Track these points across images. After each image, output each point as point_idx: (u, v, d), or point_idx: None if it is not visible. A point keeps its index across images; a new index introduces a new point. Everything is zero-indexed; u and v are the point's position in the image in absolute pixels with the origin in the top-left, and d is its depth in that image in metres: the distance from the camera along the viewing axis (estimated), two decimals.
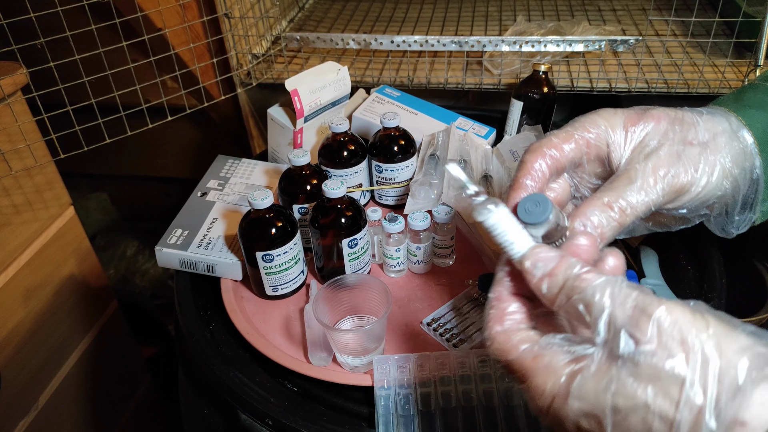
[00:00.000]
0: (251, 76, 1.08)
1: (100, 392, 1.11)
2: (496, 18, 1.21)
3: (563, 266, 0.33)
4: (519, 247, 0.35)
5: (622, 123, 0.43)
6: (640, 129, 0.43)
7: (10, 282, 0.88)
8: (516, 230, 0.35)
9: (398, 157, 0.75)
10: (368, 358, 0.58)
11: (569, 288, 0.32)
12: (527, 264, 0.34)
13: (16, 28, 0.72)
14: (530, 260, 0.34)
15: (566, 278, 0.33)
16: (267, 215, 0.62)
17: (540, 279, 0.34)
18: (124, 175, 1.57)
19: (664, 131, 0.43)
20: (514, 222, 0.35)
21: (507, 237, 0.35)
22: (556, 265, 0.33)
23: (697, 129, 0.43)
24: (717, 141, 0.43)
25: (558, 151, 0.43)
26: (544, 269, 0.34)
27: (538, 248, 0.35)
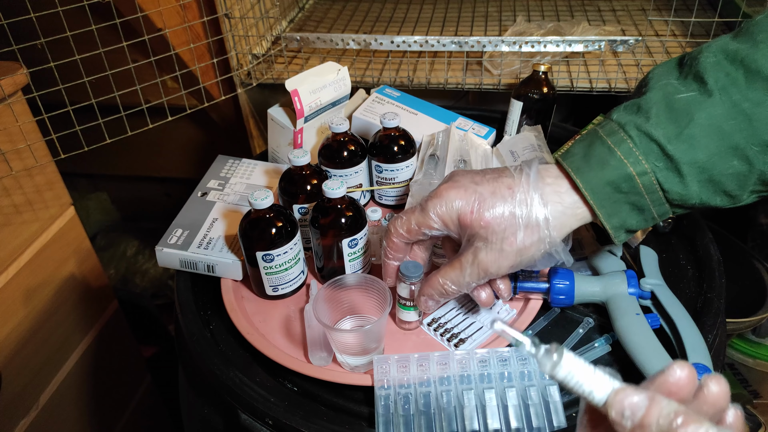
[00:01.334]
0: (251, 77, 1.08)
1: (100, 392, 1.11)
2: (496, 18, 1.21)
3: (654, 414, 0.29)
4: (600, 393, 0.32)
5: (456, 219, 0.53)
6: (470, 231, 0.53)
7: (10, 282, 0.88)
8: (589, 373, 0.32)
9: (398, 157, 0.75)
10: (368, 358, 0.58)
11: None
12: (613, 414, 0.31)
13: (16, 28, 0.72)
14: (615, 408, 0.30)
15: (660, 429, 0.29)
16: (267, 215, 0.62)
17: (631, 430, 0.30)
18: (124, 175, 1.58)
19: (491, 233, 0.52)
20: (583, 365, 0.32)
21: (584, 386, 0.32)
22: (646, 412, 0.29)
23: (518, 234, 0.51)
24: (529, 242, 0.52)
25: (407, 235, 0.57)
26: (633, 419, 0.30)
27: (621, 393, 0.31)
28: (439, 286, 0.56)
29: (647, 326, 0.57)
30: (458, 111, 0.87)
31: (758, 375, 1.17)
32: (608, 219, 0.51)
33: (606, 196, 0.51)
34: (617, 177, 0.50)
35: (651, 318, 0.59)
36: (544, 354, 0.33)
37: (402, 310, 0.61)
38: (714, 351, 0.58)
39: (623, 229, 0.52)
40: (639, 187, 0.50)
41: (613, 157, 0.50)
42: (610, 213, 0.51)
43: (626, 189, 0.50)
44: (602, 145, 0.51)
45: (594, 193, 0.50)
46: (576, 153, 0.52)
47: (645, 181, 0.49)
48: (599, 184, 0.50)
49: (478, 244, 0.53)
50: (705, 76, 0.49)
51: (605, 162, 0.50)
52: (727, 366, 1.20)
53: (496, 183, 0.53)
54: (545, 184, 0.52)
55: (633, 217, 0.52)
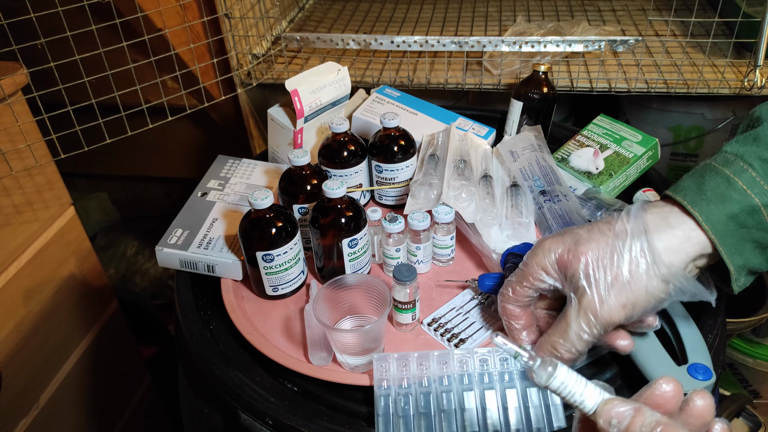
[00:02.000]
0: (251, 77, 1.08)
1: (100, 392, 1.11)
2: (495, 18, 1.21)
3: (638, 423, 0.32)
4: (590, 402, 0.34)
5: (555, 264, 0.50)
6: (571, 272, 0.48)
7: (10, 282, 0.88)
8: (581, 385, 0.35)
9: (398, 157, 0.75)
10: (368, 357, 0.58)
11: None
12: (601, 422, 0.33)
13: (17, 28, 0.72)
14: (603, 417, 0.33)
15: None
16: (267, 215, 0.62)
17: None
18: (124, 175, 1.58)
19: (593, 270, 0.47)
20: (576, 377, 0.35)
21: (576, 396, 0.35)
22: (631, 421, 0.32)
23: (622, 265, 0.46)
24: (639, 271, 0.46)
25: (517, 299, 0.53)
26: (619, 427, 0.32)
27: (609, 403, 0.33)
28: (548, 348, 0.49)
29: None
30: (458, 111, 0.87)
31: (758, 375, 1.17)
32: (731, 256, 0.46)
33: (728, 233, 0.45)
34: (740, 210, 0.45)
35: None
36: (540, 365, 0.36)
37: (398, 313, 0.61)
38: (714, 351, 0.57)
39: (745, 270, 0.47)
40: (765, 222, 0.45)
41: (733, 189, 0.46)
42: (733, 250, 0.46)
43: (750, 223, 0.46)
44: (717, 175, 0.47)
45: (715, 228, 0.45)
46: (687, 185, 0.48)
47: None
48: (720, 219, 0.45)
49: (581, 284, 0.47)
50: None
51: (725, 194, 0.46)
52: (727, 366, 1.20)
53: (593, 224, 0.50)
54: (648, 213, 0.48)
55: (757, 255, 0.47)
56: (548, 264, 0.50)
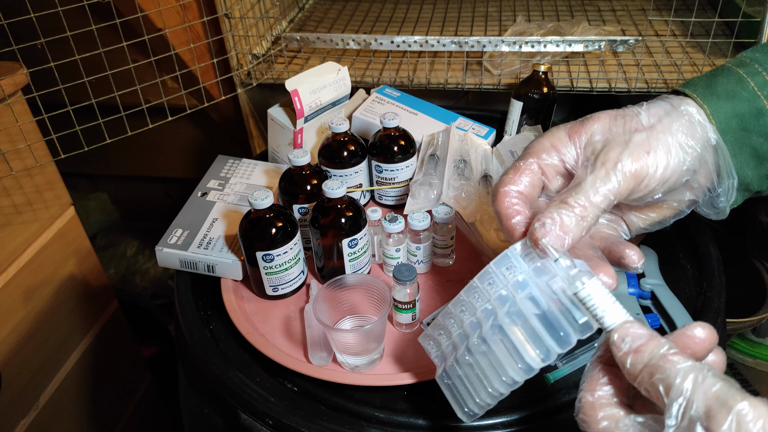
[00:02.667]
0: (251, 77, 1.08)
1: (100, 392, 1.11)
2: (496, 18, 1.21)
3: (651, 345, 0.32)
4: (610, 320, 0.35)
5: (566, 135, 0.44)
6: (581, 137, 0.44)
7: (10, 282, 0.88)
8: (609, 303, 0.35)
9: (398, 157, 0.75)
10: (368, 357, 0.58)
11: (652, 366, 0.31)
12: (615, 337, 0.34)
13: (16, 28, 0.72)
14: (618, 333, 0.34)
15: (651, 356, 0.32)
16: (267, 215, 0.62)
17: (625, 353, 0.33)
18: (124, 175, 1.58)
19: (608, 128, 0.43)
20: (607, 294, 0.35)
21: (599, 309, 0.35)
22: (645, 342, 0.32)
23: (640, 118, 0.43)
24: (663, 122, 0.43)
25: (518, 185, 0.44)
26: (631, 344, 0.33)
27: (629, 323, 0.34)
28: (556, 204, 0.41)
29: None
30: (458, 111, 0.87)
31: (758, 375, 1.17)
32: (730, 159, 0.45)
33: (731, 131, 0.44)
34: (747, 110, 0.44)
35: (651, 318, 0.59)
36: (576, 274, 0.36)
37: (398, 313, 0.61)
38: None
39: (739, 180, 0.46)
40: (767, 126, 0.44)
41: (744, 88, 0.44)
42: (732, 152, 0.45)
43: (753, 126, 0.44)
44: (731, 75, 0.45)
45: (720, 124, 0.44)
46: (698, 82, 0.46)
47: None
48: (726, 115, 0.44)
49: (597, 144, 0.43)
50: None
51: (735, 92, 0.44)
52: (727, 366, 1.20)
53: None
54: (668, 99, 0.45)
55: (750, 167, 0.45)
56: (557, 139, 0.44)
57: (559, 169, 0.45)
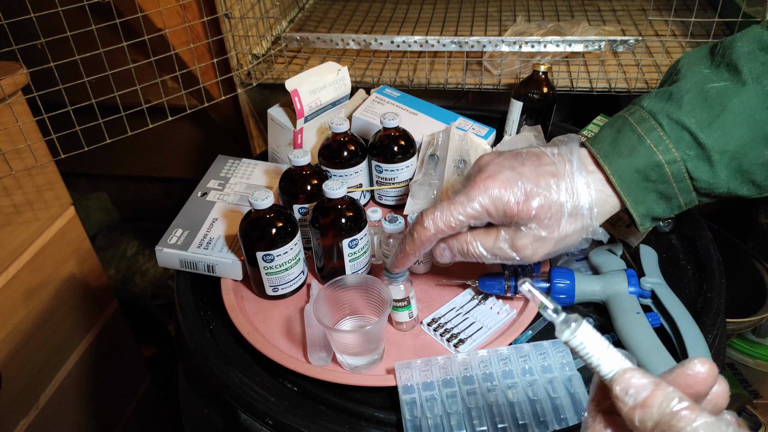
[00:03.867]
0: (251, 77, 1.08)
1: (100, 392, 1.11)
2: (496, 18, 1.21)
3: (658, 397, 0.30)
4: (607, 368, 0.33)
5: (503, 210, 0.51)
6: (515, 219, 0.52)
7: (10, 282, 0.88)
8: (603, 347, 0.33)
9: (398, 157, 0.75)
10: (368, 358, 0.58)
11: (665, 425, 0.29)
12: (617, 390, 0.31)
13: (16, 28, 0.72)
14: (620, 386, 0.31)
15: (662, 414, 0.29)
16: (267, 215, 0.62)
17: (632, 408, 0.30)
18: (124, 175, 1.58)
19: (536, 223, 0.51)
20: (599, 338, 0.34)
21: (594, 358, 0.33)
22: (650, 394, 0.30)
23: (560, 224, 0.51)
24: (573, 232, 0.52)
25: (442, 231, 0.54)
26: (635, 397, 0.30)
27: (630, 372, 0.31)
28: (465, 243, 0.54)
29: (648, 325, 0.57)
30: (458, 111, 0.87)
31: (758, 375, 1.17)
32: (635, 207, 0.51)
33: (634, 184, 0.51)
34: (645, 165, 0.50)
35: (651, 317, 0.59)
36: (563, 320, 0.34)
37: (395, 312, 0.61)
38: (714, 351, 0.58)
39: (649, 217, 0.53)
40: (667, 176, 0.50)
41: (642, 145, 0.50)
42: (637, 201, 0.51)
43: (654, 177, 0.50)
44: (632, 132, 0.51)
45: (622, 181, 0.50)
46: (605, 139, 0.52)
47: (674, 169, 0.50)
48: (627, 171, 0.50)
49: (521, 229, 0.51)
50: (739, 65, 0.49)
51: (634, 149, 0.50)
52: (727, 366, 1.20)
53: (538, 170, 0.52)
54: (588, 173, 0.52)
55: (660, 205, 0.52)
56: (494, 209, 0.51)
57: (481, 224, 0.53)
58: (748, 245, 1.20)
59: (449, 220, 0.53)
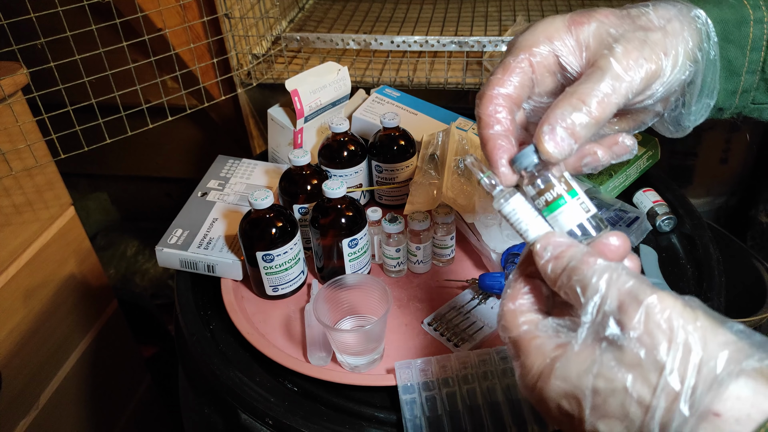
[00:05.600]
0: (251, 77, 1.08)
1: (100, 392, 1.11)
2: (496, 18, 1.21)
3: (571, 251, 0.34)
4: (534, 233, 0.37)
5: (565, 26, 0.40)
6: (587, 27, 0.40)
7: (10, 282, 0.88)
8: (532, 217, 0.37)
9: (398, 157, 0.75)
10: (368, 357, 0.58)
11: (571, 269, 0.33)
12: (537, 247, 0.35)
13: (17, 28, 0.72)
14: (541, 243, 0.35)
15: (570, 260, 0.33)
16: (267, 215, 0.62)
17: (546, 261, 0.35)
18: (124, 175, 1.58)
19: (617, 23, 0.40)
20: (530, 209, 0.37)
21: (522, 224, 0.37)
22: (565, 249, 0.34)
23: (650, 17, 0.40)
24: (673, 25, 0.40)
25: (505, 87, 0.40)
26: (552, 252, 0.35)
27: (551, 234, 0.36)
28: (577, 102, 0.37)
29: None
30: (458, 111, 0.87)
31: None
32: None
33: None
34: (732, 17, 0.43)
35: None
36: (498, 191, 0.38)
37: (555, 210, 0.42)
38: None
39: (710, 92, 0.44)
40: (747, 38, 0.44)
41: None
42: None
43: (734, 36, 0.43)
44: None
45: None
46: None
47: (756, 32, 0.44)
48: (713, 21, 0.43)
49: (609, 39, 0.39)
50: None
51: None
52: None
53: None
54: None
55: (720, 80, 0.44)
56: (554, 29, 0.40)
57: (550, 67, 0.41)
58: (748, 245, 1.20)
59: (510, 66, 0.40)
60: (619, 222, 0.72)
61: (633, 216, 0.73)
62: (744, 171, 1.29)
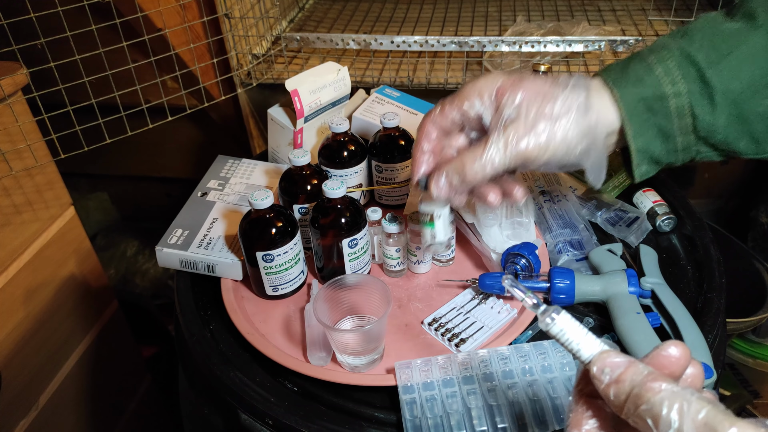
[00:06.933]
0: (251, 77, 1.08)
1: (100, 392, 1.11)
2: (496, 18, 1.21)
3: (631, 372, 0.32)
4: (587, 352, 0.35)
5: (495, 88, 0.50)
6: (508, 96, 0.49)
7: (10, 282, 0.88)
8: (582, 335, 0.35)
9: (398, 157, 0.75)
10: (368, 357, 0.58)
11: (636, 396, 0.31)
12: (594, 369, 0.33)
13: (17, 28, 0.72)
14: (597, 365, 0.33)
15: (633, 385, 0.31)
16: (267, 215, 0.62)
17: (607, 385, 0.32)
18: (124, 175, 1.58)
19: (528, 102, 0.49)
20: (578, 326, 0.36)
21: (573, 343, 0.35)
22: (624, 370, 0.32)
23: (556, 104, 0.48)
24: (569, 116, 0.49)
25: (437, 123, 0.53)
26: (611, 375, 0.32)
27: (606, 353, 0.33)
28: (459, 163, 0.50)
29: (648, 325, 0.57)
30: None
31: (758, 375, 1.17)
32: (635, 138, 0.51)
33: (637, 114, 0.50)
34: (651, 95, 0.49)
35: (651, 317, 0.59)
36: (543, 310, 0.36)
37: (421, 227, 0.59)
38: (714, 351, 0.58)
39: (647, 156, 0.52)
40: (670, 110, 0.50)
41: (650, 75, 0.50)
42: (638, 132, 0.51)
43: (657, 109, 0.50)
44: (642, 62, 0.51)
45: (627, 107, 0.50)
46: (615, 68, 0.52)
47: (677, 103, 0.49)
48: (633, 99, 0.50)
49: (510, 115, 0.49)
50: (756, 12, 0.49)
51: (641, 78, 0.50)
52: (727, 366, 1.20)
53: (538, 77, 0.51)
54: (588, 81, 0.51)
55: (658, 143, 0.51)
56: (486, 91, 0.51)
57: (476, 114, 0.52)
58: (749, 245, 1.20)
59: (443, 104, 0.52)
60: (619, 222, 0.72)
61: (633, 216, 0.73)
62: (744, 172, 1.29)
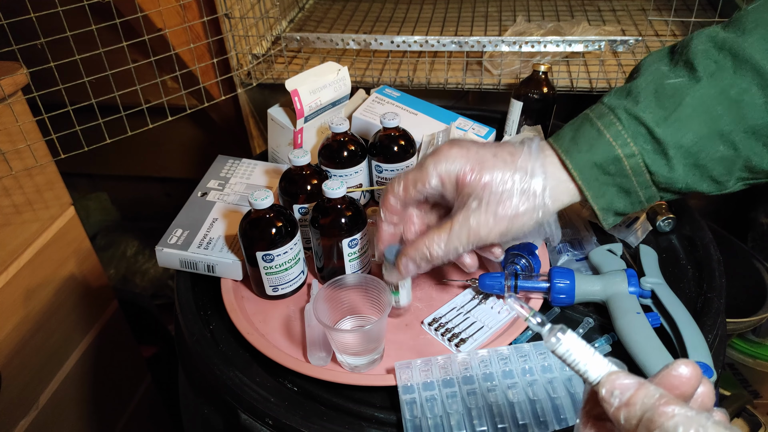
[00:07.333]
0: (251, 77, 1.08)
1: (100, 392, 1.11)
2: (495, 18, 1.21)
3: (641, 395, 0.31)
4: (594, 373, 0.34)
5: (456, 171, 0.52)
6: (470, 181, 0.52)
7: (10, 282, 0.88)
8: (589, 355, 0.34)
9: (398, 157, 0.75)
10: (368, 357, 0.58)
11: (647, 421, 0.30)
12: (603, 392, 0.32)
13: (17, 28, 0.72)
14: (606, 387, 0.32)
15: (644, 409, 0.30)
16: (267, 215, 0.62)
17: (617, 408, 0.31)
18: (124, 175, 1.58)
19: (488, 193, 0.51)
20: (584, 345, 0.35)
21: (580, 364, 0.34)
22: (634, 393, 0.31)
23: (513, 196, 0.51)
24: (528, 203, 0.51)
25: (400, 198, 0.56)
26: (621, 398, 0.31)
27: (614, 374, 0.33)
28: (423, 247, 0.54)
29: (648, 325, 0.57)
30: (458, 111, 0.87)
31: (758, 375, 1.17)
32: (595, 200, 0.52)
33: (593, 178, 0.52)
34: (604, 159, 0.51)
35: (651, 317, 0.59)
36: (548, 330, 0.35)
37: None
38: (714, 351, 0.58)
39: (611, 212, 0.54)
40: (626, 170, 0.51)
41: (601, 140, 0.51)
42: (597, 194, 0.52)
43: (613, 171, 0.51)
44: (592, 127, 0.52)
45: (582, 174, 0.52)
46: (566, 135, 0.53)
47: (632, 163, 0.50)
48: (587, 166, 0.51)
49: (472, 205, 0.52)
50: (695, 63, 0.50)
51: (593, 144, 0.51)
52: (727, 366, 1.20)
53: (498, 149, 0.53)
54: (545, 156, 0.53)
55: (620, 199, 0.53)
56: (446, 175, 0.53)
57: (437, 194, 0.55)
58: (749, 245, 1.20)
59: (406, 182, 0.54)
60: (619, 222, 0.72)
61: (633, 216, 0.73)
62: None
